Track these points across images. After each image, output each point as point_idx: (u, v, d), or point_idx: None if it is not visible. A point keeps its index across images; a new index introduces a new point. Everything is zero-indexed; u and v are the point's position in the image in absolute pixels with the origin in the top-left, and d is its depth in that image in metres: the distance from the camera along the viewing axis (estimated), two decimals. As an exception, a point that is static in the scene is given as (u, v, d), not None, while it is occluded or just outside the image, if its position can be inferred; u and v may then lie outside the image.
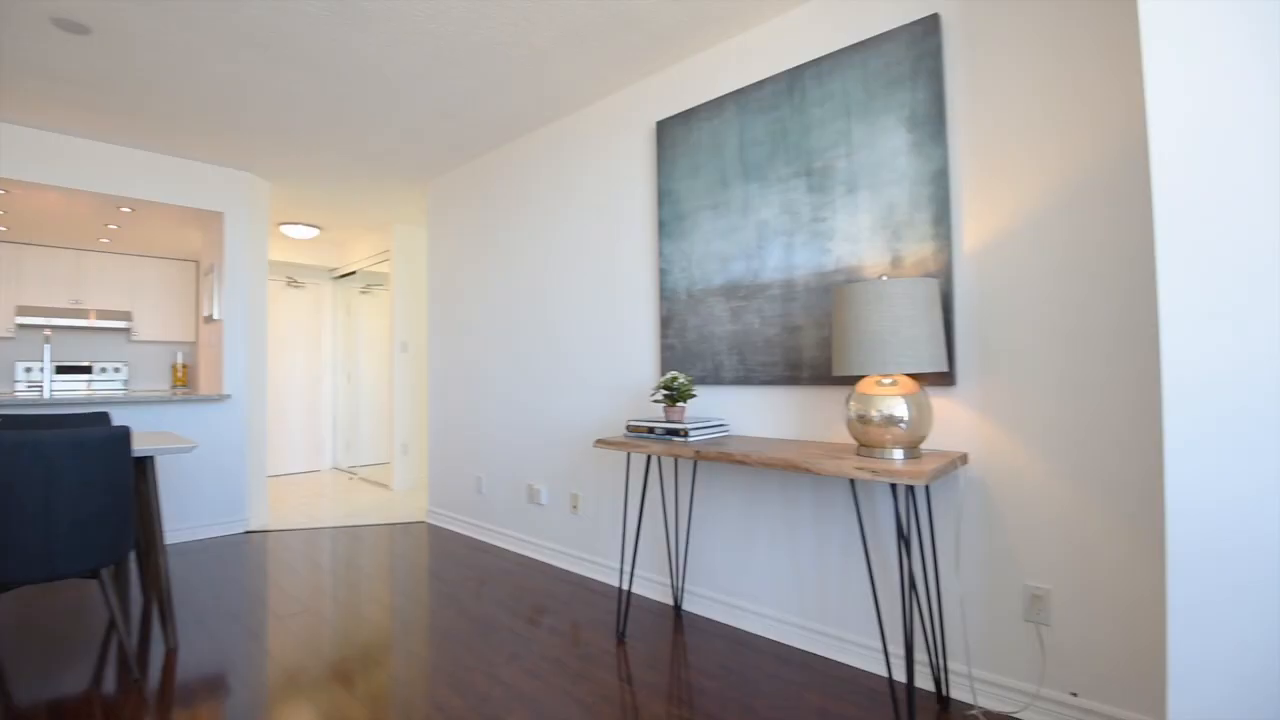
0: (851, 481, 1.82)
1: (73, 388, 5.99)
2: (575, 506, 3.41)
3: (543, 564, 3.52)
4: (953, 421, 2.05)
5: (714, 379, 2.67)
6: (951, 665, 2.05)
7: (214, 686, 2.17)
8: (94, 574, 2.20)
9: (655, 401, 2.51)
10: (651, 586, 2.98)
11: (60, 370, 5.95)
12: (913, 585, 1.79)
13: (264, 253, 4.63)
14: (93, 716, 1.98)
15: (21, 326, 5.74)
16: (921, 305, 1.80)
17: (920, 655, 2.10)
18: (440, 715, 1.97)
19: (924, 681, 2.10)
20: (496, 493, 3.99)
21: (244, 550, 3.87)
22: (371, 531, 4.30)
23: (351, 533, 4.27)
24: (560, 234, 3.56)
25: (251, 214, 4.52)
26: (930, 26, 2.08)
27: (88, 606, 2.91)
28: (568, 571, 3.38)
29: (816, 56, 2.39)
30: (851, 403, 1.90)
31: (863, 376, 2.05)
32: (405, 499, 5.36)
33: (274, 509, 5.05)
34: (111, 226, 5.18)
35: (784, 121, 2.45)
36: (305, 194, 4.95)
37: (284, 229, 5.80)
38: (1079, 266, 1.82)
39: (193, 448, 2.45)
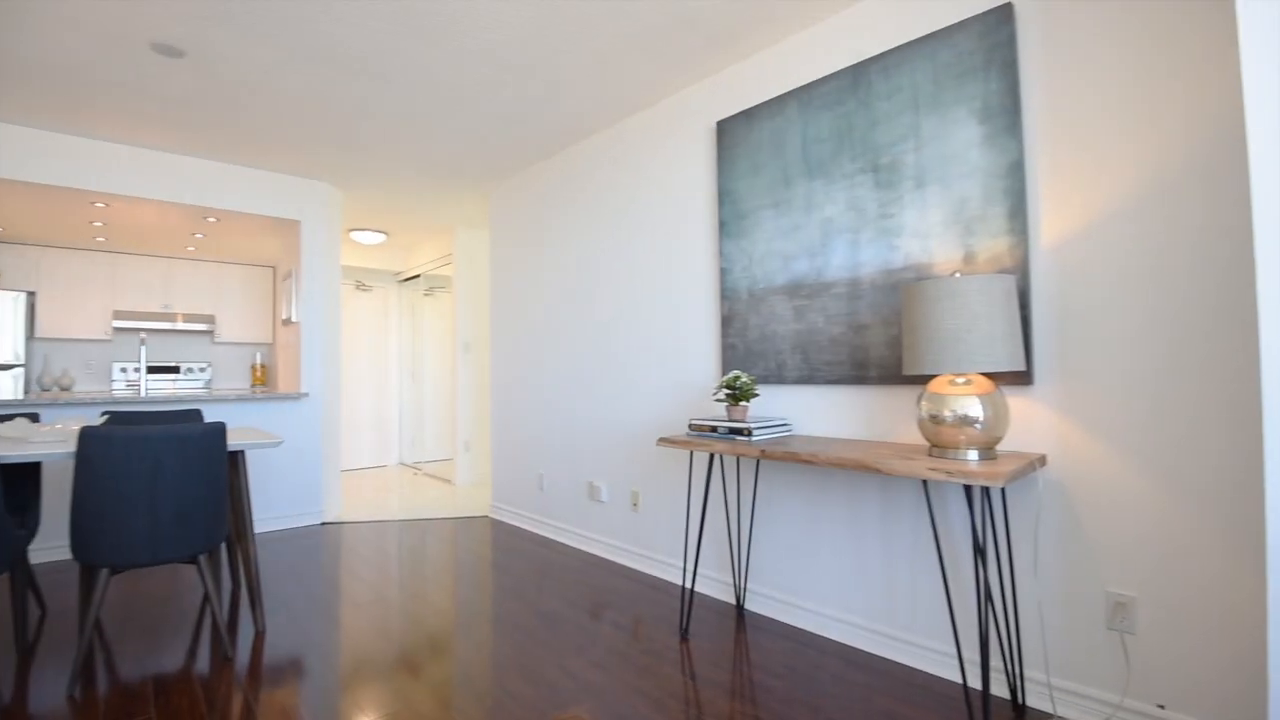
0: (924, 483, 1.79)
1: (162, 386, 6.41)
2: (635, 504, 3.44)
3: (604, 560, 3.57)
4: (1030, 422, 1.99)
5: (776, 378, 2.66)
6: (1029, 672, 1.99)
7: (298, 667, 2.30)
8: (192, 559, 2.36)
9: (717, 401, 2.52)
10: (713, 585, 2.98)
11: (151, 370, 6.38)
12: (988, 590, 1.75)
13: (337, 258, 4.85)
14: (192, 692, 2.13)
15: (118, 330, 6.19)
16: (997, 302, 1.75)
17: (995, 661, 2.05)
18: (512, 703, 2.03)
19: (999, 689, 2.04)
20: (558, 489, 4.07)
21: (320, 540, 4.06)
22: (438, 525, 4.45)
23: (419, 526, 4.43)
24: (620, 235, 3.60)
25: (326, 221, 4.74)
26: (1004, 16, 2.02)
27: (180, 589, 3.12)
28: (628, 568, 3.42)
29: (882, 51, 2.35)
30: (923, 402, 1.86)
31: (935, 376, 2.01)
32: (468, 494, 5.52)
33: (346, 502, 5.28)
34: (198, 235, 5.52)
35: (849, 117, 2.42)
36: (374, 201, 5.16)
37: (354, 235, 6.06)
38: (1171, 259, 1.74)
39: (279, 443, 2.60)
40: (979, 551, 1.73)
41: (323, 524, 4.52)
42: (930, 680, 2.15)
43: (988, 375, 1.96)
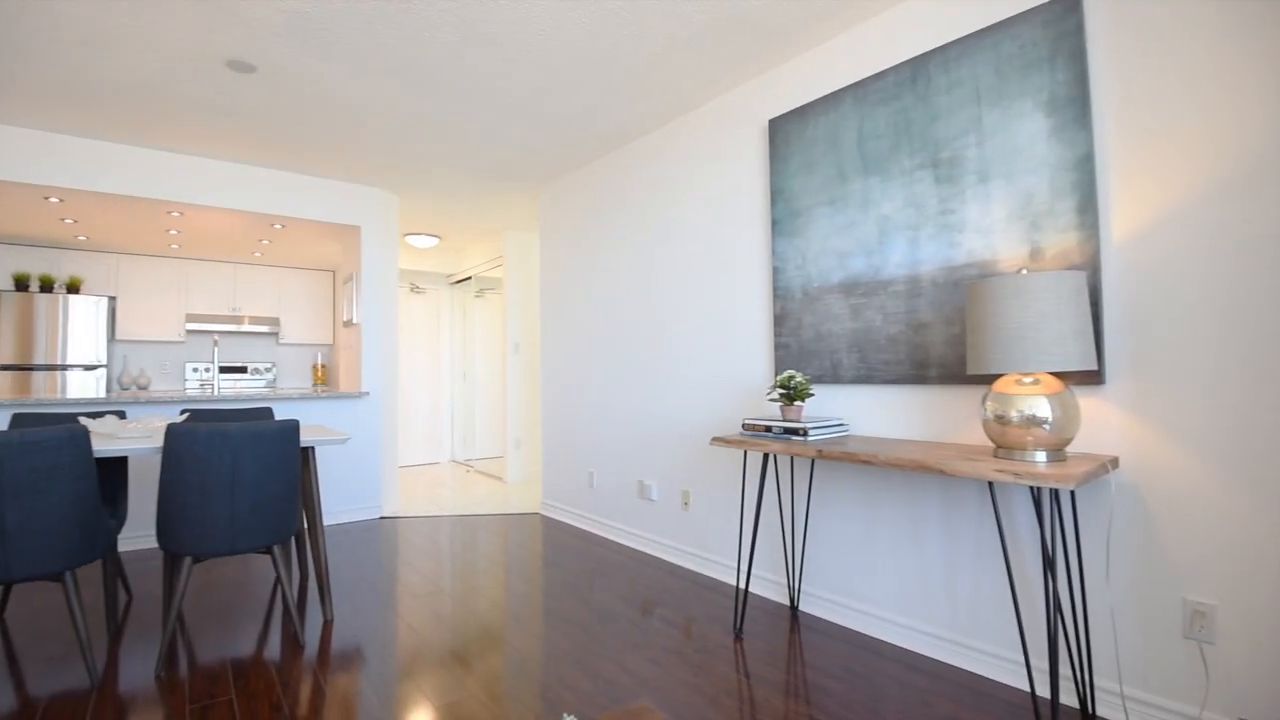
0: (990, 485, 1.75)
1: (229, 385, 6.72)
2: (686, 503, 3.46)
3: (654, 558, 3.59)
4: (1102, 423, 1.92)
5: (831, 378, 2.63)
6: (1099, 681, 1.93)
7: (364, 655, 2.39)
8: (267, 550, 2.48)
9: (771, 400, 2.51)
10: (766, 585, 2.97)
11: (221, 370, 6.69)
12: (1056, 596, 1.70)
13: (395, 262, 5.01)
14: (268, 676, 2.24)
15: (190, 332, 6.52)
16: (1067, 299, 1.70)
17: (1064, 669, 1.98)
18: (571, 695, 2.07)
19: (1068, 697, 1.98)
20: (608, 488, 4.11)
21: (379, 534, 4.20)
22: (490, 521, 4.55)
23: (472, 521, 4.54)
24: (669, 235, 3.62)
25: (383, 226, 4.90)
26: (1070, 4, 1.96)
27: (250, 578, 3.28)
28: (679, 566, 3.44)
29: (942, 43, 2.31)
30: (988, 402, 1.82)
31: (1000, 375, 1.96)
32: (519, 491, 5.63)
33: (402, 497, 5.44)
34: (264, 242, 5.77)
35: (907, 112, 2.38)
36: (427, 206, 5.30)
37: (408, 239, 6.23)
38: (1253, 251, 1.66)
39: (347, 439, 2.70)
40: (1048, 556, 1.69)
41: (381, 518, 4.68)
42: (994, 687, 2.10)
43: (1056, 375, 1.91)
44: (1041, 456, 1.75)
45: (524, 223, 5.88)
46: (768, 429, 2.43)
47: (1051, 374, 1.83)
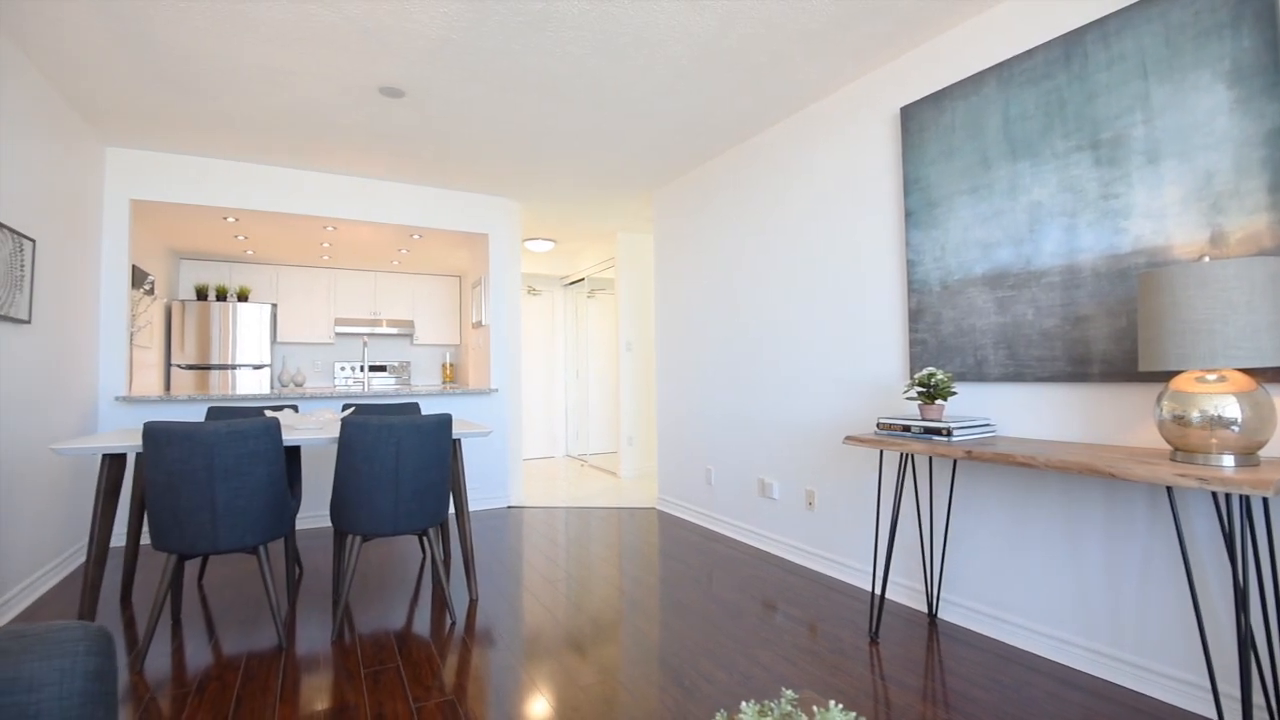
0: (1169, 492, 1.62)
1: (369, 383, 7.33)
2: (810, 503, 3.41)
3: (776, 557, 3.57)
4: (1302, 424, 1.73)
5: (975, 375, 2.51)
6: (1301, 713, 1.73)
7: (508, 633, 2.55)
8: (422, 532, 2.70)
9: (909, 399, 2.44)
10: (898, 590, 2.89)
11: (362, 369, 7.32)
12: (1249, 625, 1.55)
13: (518, 266, 5.28)
14: (426, 648, 2.44)
15: (338, 334, 7.17)
16: (1260, 288, 1.55)
17: (1255, 698, 1.80)
18: (708, 685, 2.12)
19: (1260, 727, 1.80)
20: (726, 485, 4.13)
21: (509, 522, 4.45)
22: (609, 514, 4.70)
23: (591, 514, 4.70)
24: (791, 231, 3.58)
25: (508, 233, 5.18)
26: (1261, -40, 1.77)
27: (397, 557, 3.58)
28: (802, 567, 3.40)
29: (1100, 16, 2.15)
30: (1165, 401, 1.69)
31: (1178, 372, 1.81)
32: (633, 486, 5.76)
33: (525, 489, 5.72)
34: (403, 251, 6.26)
35: (1060, 91, 2.23)
36: (545, 212, 5.54)
37: (527, 244, 6.54)
38: None
39: (489, 433, 2.90)
40: (1237, 571, 1.54)
41: (509, 507, 4.95)
42: (1166, 710, 1.94)
43: (1246, 371, 1.74)
44: (1229, 460, 1.60)
45: (636, 224, 6.01)
46: (905, 428, 2.36)
47: (1240, 370, 1.67)
